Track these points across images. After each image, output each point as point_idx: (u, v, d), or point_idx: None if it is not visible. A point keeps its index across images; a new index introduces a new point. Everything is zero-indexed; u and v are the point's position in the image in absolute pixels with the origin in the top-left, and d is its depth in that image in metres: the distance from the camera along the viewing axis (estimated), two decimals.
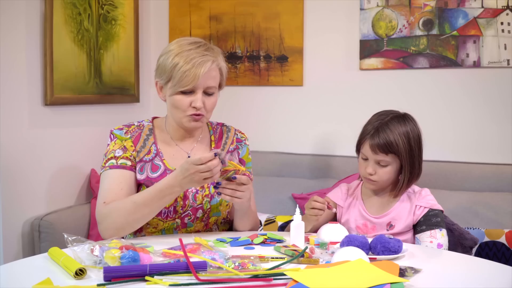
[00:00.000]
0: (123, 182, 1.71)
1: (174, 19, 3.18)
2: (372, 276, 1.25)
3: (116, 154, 1.74)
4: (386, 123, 1.77)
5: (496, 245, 2.21)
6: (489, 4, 2.58)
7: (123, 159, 1.73)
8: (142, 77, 3.13)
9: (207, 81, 1.69)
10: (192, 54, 1.67)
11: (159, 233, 1.76)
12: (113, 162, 1.73)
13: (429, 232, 1.75)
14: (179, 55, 1.68)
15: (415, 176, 1.81)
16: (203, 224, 1.80)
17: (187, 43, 1.71)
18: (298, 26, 2.95)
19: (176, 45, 1.72)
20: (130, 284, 1.24)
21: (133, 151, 1.75)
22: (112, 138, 1.79)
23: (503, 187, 2.47)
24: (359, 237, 1.48)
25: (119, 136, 1.78)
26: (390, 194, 1.84)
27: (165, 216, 1.73)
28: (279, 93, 3.02)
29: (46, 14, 2.47)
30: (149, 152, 1.77)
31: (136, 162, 1.75)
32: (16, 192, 2.39)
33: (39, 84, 2.49)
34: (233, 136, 1.90)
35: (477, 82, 2.65)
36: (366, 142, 1.78)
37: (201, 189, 1.76)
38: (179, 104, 1.71)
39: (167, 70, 1.69)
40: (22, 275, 1.31)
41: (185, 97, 1.70)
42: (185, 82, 1.66)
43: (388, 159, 1.76)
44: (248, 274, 1.28)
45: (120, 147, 1.76)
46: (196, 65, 1.66)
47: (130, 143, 1.76)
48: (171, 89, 1.70)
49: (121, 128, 1.80)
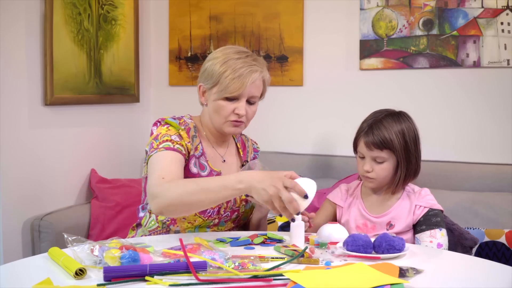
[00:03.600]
0: (179, 166, 1.68)
1: (174, 19, 3.18)
2: (372, 277, 1.25)
3: (172, 138, 1.72)
4: (380, 120, 1.79)
5: (496, 245, 2.21)
6: (489, 4, 2.58)
7: (179, 145, 1.71)
8: (142, 77, 3.13)
9: (252, 91, 1.74)
10: (240, 63, 1.72)
11: (192, 229, 1.77)
12: (169, 144, 1.69)
13: (429, 232, 1.75)
14: (227, 63, 1.72)
15: (412, 172, 1.81)
16: (232, 225, 1.85)
17: (233, 52, 1.76)
18: (298, 26, 2.95)
19: (221, 53, 1.76)
20: (130, 284, 1.24)
21: (188, 142, 1.75)
22: (163, 125, 1.77)
23: (503, 187, 2.47)
24: (362, 236, 1.49)
25: (174, 124, 1.76)
26: (392, 195, 1.85)
27: (209, 216, 1.76)
28: (279, 93, 3.01)
29: (46, 14, 2.47)
30: (196, 149, 1.78)
31: (190, 155, 1.75)
32: (16, 192, 2.39)
33: (39, 84, 2.49)
34: (251, 146, 1.99)
35: (477, 82, 2.65)
36: (361, 139, 1.80)
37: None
38: (223, 110, 1.74)
39: (214, 75, 1.73)
40: (22, 275, 1.32)
41: (229, 103, 1.73)
42: (232, 89, 1.70)
43: (384, 155, 1.77)
44: (248, 274, 1.28)
45: (176, 134, 1.74)
46: (244, 74, 1.70)
47: (185, 134, 1.76)
48: (216, 94, 1.73)
49: (174, 118, 1.79)
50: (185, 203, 1.55)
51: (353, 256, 1.46)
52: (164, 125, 1.77)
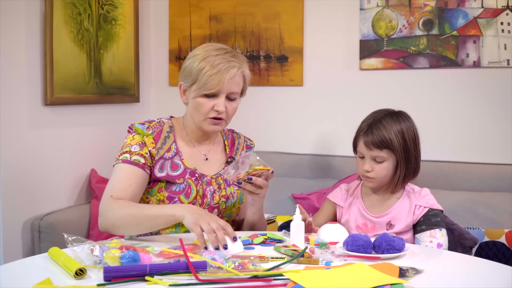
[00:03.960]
0: (133, 179, 1.72)
1: (174, 19, 3.18)
2: (372, 277, 1.25)
3: (132, 149, 1.75)
4: (379, 120, 1.79)
5: (496, 245, 2.21)
6: (489, 4, 2.58)
7: (138, 155, 1.74)
8: (142, 77, 3.13)
9: (231, 87, 1.73)
10: (218, 60, 1.71)
11: (173, 229, 1.77)
12: (126, 157, 1.74)
13: (429, 232, 1.75)
14: (205, 59, 1.72)
15: (412, 172, 1.81)
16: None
17: (213, 49, 1.75)
18: (298, 26, 2.95)
19: (202, 50, 1.76)
20: (130, 284, 1.24)
21: (153, 148, 1.76)
22: (131, 132, 1.80)
23: (503, 187, 2.47)
24: (362, 236, 1.49)
25: (140, 131, 1.78)
26: (392, 195, 1.85)
27: None
28: (279, 93, 3.02)
29: (46, 14, 2.47)
30: (169, 149, 1.79)
31: (156, 160, 1.76)
32: (16, 192, 2.39)
33: (39, 84, 2.49)
34: (243, 143, 1.96)
35: (477, 82, 2.65)
36: (361, 139, 1.81)
37: (218, 189, 1.80)
38: (202, 107, 1.74)
39: (193, 73, 1.73)
40: (22, 275, 1.32)
41: (208, 100, 1.73)
42: (210, 85, 1.70)
43: (383, 155, 1.77)
44: (248, 274, 1.28)
45: (138, 143, 1.76)
46: (222, 70, 1.70)
47: (151, 140, 1.77)
48: (195, 91, 1.74)
49: (143, 123, 1.81)
50: (126, 225, 1.64)
51: (353, 256, 1.46)
52: (132, 132, 1.79)
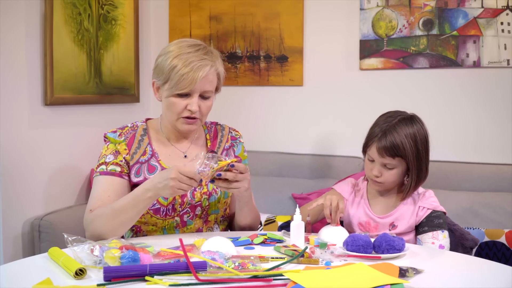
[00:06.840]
0: (111, 190, 1.71)
1: (174, 19, 3.18)
2: (372, 277, 1.25)
3: (106, 159, 1.75)
4: (394, 126, 1.75)
5: (496, 245, 2.21)
6: (489, 4, 2.58)
7: (113, 165, 1.73)
8: (142, 77, 3.13)
9: (204, 85, 1.70)
10: (191, 58, 1.67)
11: (160, 231, 1.76)
12: (103, 168, 1.74)
13: (431, 233, 1.75)
14: (178, 57, 1.67)
15: (422, 179, 1.80)
16: (202, 221, 1.79)
17: (186, 45, 1.71)
18: (298, 26, 2.95)
19: (175, 47, 1.71)
20: (130, 284, 1.24)
21: (126, 154, 1.75)
22: (106, 142, 1.79)
23: (503, 187, 2.47)
24: (362, 236, 1.48)
25: (112, 139, 1.77)
26: (397, 197, 1.84)
27: (164, 215, 1.73)
28: (279, 93, 3.02)
29: (46, 14, 2.47)
30: (144, 153, 1.77)
31: (131, 165, 1.75)
32: (16, 192, 2.39)
33: (39, 84, 2.49)
34: (227, 135, 1.90)
35: (477, 82, 2.65)
36: (374, 145, 1.76)
37: (199, 187, 1.76)
38: (175, 106, 1.71)
39: (165, 71, 1.69)
40: (22, 275, 1.32)
41: (181, 99, 1.70)
42: (182, 85, 1.67)
43: (394, 162, 1.75)
44: (248, 274, 1.28)
45: (112, 152, 1.75)
46: (194, 69, 1.66)
47: (124, 146, 1.76)
48: (168, 91, 1.70)
49: (115, 131, 1.80)
50: (110, 229, 1.63)
51: (353, 256, 1.46)
52: (107, 142, 1.79)
